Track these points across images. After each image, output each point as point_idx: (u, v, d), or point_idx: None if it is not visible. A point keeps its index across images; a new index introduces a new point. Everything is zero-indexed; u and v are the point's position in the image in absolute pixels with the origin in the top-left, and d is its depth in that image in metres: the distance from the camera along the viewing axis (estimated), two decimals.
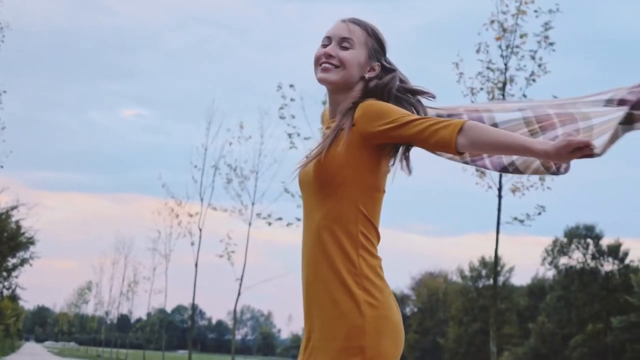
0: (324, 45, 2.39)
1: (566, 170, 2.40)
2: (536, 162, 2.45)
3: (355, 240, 2.23)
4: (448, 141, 2.12)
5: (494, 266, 13.93)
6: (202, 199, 28.43)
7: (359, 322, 2.15)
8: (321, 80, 2.36)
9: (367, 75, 2.38)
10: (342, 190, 2.24)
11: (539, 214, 13.29)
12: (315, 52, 2.40)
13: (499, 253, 13.49)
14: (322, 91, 20.34)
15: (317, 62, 2.39)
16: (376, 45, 2.40)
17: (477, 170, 13.35)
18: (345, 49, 2.36)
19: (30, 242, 32.27)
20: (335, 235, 2.22)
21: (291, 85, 16.15)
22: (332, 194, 2.23)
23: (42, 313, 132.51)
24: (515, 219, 13.34)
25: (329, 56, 2.36)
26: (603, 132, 2.27)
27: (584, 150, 2.03)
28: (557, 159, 2.07)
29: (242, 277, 23.01)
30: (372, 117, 2.23)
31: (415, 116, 2.22)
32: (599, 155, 2.12)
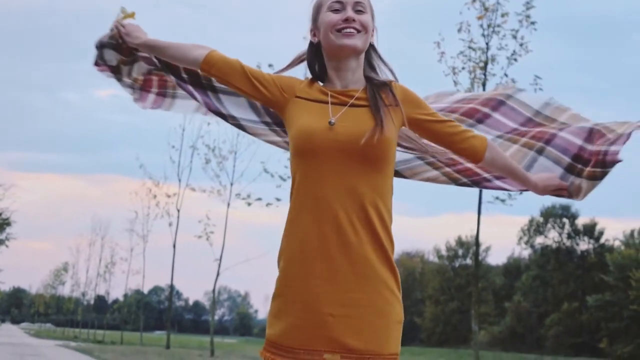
0: (336, 11, 2.29)
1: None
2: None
3: (391, 217, 2.22)
4: (478, 151, 2.36)
5: (475, 245, 13.96)
6: (180, 180, 28.44)
7: (399, 297, 2.17)
8: (348, 47, 2.27)
9: (371, 41, 2.35)
10: (390, 166, 2.21)
11: (521, 193, 13.32)
12: (326, 18, 2.30)
13: (475, 232, 13.52)
14: (301, 70, 20.24)
15: (334, 27, 2.27)
16: (373, 10, 2.37)
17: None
18: (361, 12, 2.29)
19: (7, 223, 31.99)
20: (379, 211, 2.16)
21: (270, 65, 16.02)
22: (383, 169, 2.17)
23: (18, 294, 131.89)
24: (497, 198, 13.38)
25: (352, 20, 2.27)
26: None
27: (562, 192, 2.51)
28: (541, 193, 2.50)
29: (220, 257, 23.00)
30: (415, 104, 2.31)
31: (445, 117, 2.38)
32: (577, 199, 2.55)
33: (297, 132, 2.21)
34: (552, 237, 56.89)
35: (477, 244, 13.94)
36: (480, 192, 13.00)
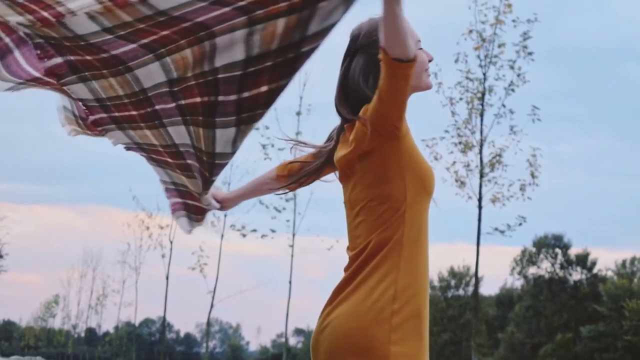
0: (420, 49, 2.32)
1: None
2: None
3: None
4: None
5: (475, 277, 13.87)
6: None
7: None
8: (430, 88, 2.35)
9: None
10: None
11: (520, 224, 13.28)
12: (422, 57, 2.30)
13: (468, 263, 13.57)
14: (296, 102, 20.24)
15: (425, 67, 2.31)
16: None
17: (456, 181, 13.35)
18: None
19: None
20: None
21: None
22: None
23: (7, 327, 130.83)
24: (496, 229, 13.31)
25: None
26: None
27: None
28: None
29: (214, 289, 22.84)
30: None
31: None
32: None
33: (429, 172, 2.23)
34: (544, 267, 56.76)
35: (476, 275, 13.85)
36: (479, 224, 12.95)
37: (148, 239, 31.16)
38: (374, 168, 2.18)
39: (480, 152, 13.81)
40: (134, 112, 2.41)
